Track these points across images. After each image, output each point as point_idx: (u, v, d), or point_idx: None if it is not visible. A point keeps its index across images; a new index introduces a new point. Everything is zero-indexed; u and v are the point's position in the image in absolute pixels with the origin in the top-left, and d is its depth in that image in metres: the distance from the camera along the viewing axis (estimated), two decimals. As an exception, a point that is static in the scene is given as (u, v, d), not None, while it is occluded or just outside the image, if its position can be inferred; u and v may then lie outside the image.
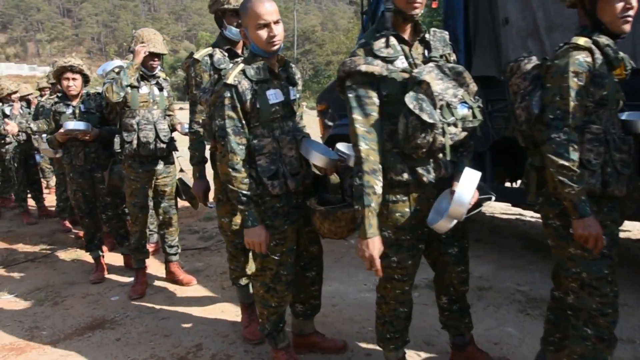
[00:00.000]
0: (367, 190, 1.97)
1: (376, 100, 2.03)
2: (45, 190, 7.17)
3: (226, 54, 2.95)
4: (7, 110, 6.24)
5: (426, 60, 2.09)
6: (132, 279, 4.16)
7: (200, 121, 2.84)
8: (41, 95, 6.65)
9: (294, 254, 2.51)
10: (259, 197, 2.35)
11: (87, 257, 4.51)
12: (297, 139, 2.44)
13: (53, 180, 7.65)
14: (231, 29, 2.95)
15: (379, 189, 2.00)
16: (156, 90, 3.86)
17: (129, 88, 3.66)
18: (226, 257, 4.27)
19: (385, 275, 2.19)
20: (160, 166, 3.90)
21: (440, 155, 2.08)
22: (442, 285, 2.45)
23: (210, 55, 2.92)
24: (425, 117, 1.92)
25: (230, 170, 2.28)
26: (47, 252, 5.12)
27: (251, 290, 3.11)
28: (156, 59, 3.78)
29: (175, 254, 4.09)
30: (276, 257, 2.44)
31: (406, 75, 2.03)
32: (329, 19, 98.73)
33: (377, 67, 2.00)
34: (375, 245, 2.01)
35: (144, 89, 3.79)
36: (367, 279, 3.94)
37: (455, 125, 2.00)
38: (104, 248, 4.57)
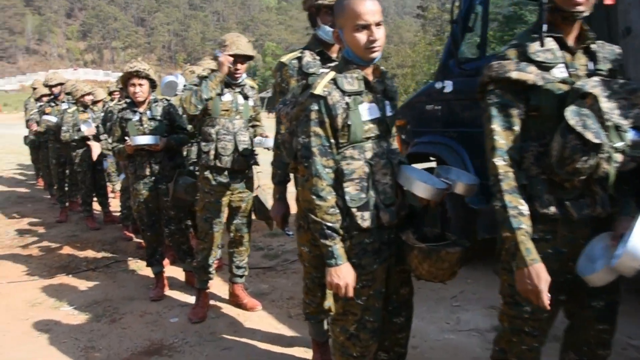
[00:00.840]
0: (511, 212, 1.68)
1: (521, 113, 1.72)
2: (110, 195, 7.13)
3: (317, 57, 2.58)
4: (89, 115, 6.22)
5: (590, 74, 1.71)
6: (193, 298, 3.92)
7: (279, 138, 2.46)
8: (111, 100, 6.62)
9: (382, 297, 2.13)
10: (346, 231, 1.98)
11: (148, 270, 4.31)
12: (393, 163, 2.08)
13: (119, 185, 7.65)
14: (325, 28, 2.54)
15: (524, 209, 1.69)
16: (240, 99, 3.54)
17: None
18: (293, 280, 3.95)
19: (512, 326, 1.84)
20: (237, 180, 3.58)
21: (598, 188, 1.69)
22: (574, 340, 2.00)
23: (299, 58, 2.57)
24: (589, 136, 1.54)
25: (314, 197, 1.92)
26: (108, 261, 4.98)
27: (326, 327, 2.77)
28: (241, 63, 3.46)
29: (241, 276, 3.77)
30: (361, 302, 2.06)
31: (564, 87, 1.65)
32: (394, 32, 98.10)
33: (530, 75, 1.66)
34: (541, 275, 1.64)
35: (227, 97, 3.47)
36: (449, 317, 3.51)
37: (623, 152, 1.60)
38: (165, 262, 4.35)
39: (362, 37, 1.89)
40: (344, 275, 1.93)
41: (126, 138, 3.83)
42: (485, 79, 1.79)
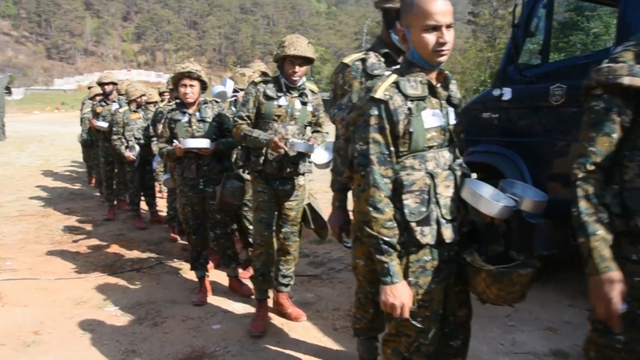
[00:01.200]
0: (586, 218, 1.59)
1: (627, 120, 1.58)
2: (157, 195, 7.19)
3: (382, 59, 2.42)
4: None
5: None
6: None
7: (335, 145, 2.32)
8: (162, 100, 6.68)
9: (439, 319, 1.96)
10: (403, 247, 1.83)
11: (192, 273, 4.26)
12: (456, 175, 1.91)
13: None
14: None
15: (603, 216, 1.59)
16: (297, 104, 3.39)
17: (264, 98, 3.33)
18: (339, 290, 3.81)
19: (601, 356, 1.67)
20: (287, 187, 3.43)
21: None
22: None
23: (363, 60, 2.41)
24: None
25: (371, 209, 1.77)
26: (153, 262, 4.97)
27: (377, 345, 2.62)
28: (299, 66, 3.28)
29: (287, 285, 3.64)
30: (417, 323, 1.90)
31: None
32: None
33: None
34: (614, 283, 1.51)
35: (282, 101, 3.33)
36: (503, 337, 3.30)
37: None
38: (209, 266, 4.29)
39: (430, 38, 1.75)
40: (399, 294, 1.78)
41: (174, 140, 3.78)
42: (593, 83, 1.64)
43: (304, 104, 3.40)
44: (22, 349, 3.24)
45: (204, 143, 3.67)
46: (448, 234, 1.84)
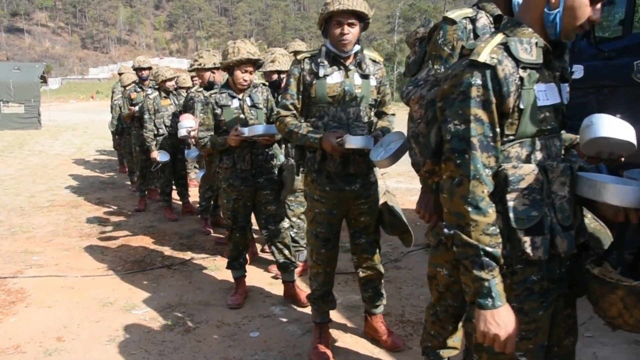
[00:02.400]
0: None
1: None
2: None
3: (493, 22, 1.93)
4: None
5: None
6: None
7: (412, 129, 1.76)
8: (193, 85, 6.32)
9: (543, 352, 1.53)
10: (505, 263, 1.40)
11: (226, 272, 3.90)
12: (574, 169, 1.46)
13: (193, 174, 7.38)
14: None
15: None
16: (356, 78, 2.64)
17: (312, 77, 2.64)
18: (388, 291, 3.41)
19: None
20: (355, 187, 2.72)
21: None
22: None
23: (472, 20, 1.91)
24: None
25: (470, 209, 1.35)
26: (184, 257, 4.64)
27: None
28: (348, 26, 2.54)
29: (378, 306, 2.98)
30: (519, 357, 1.47)
31: None
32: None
33: None
34: None
35: (335, 77, 2.62)
36: (582, 351, 2.82)
37: None
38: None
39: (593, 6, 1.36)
40: (504, 322, 1.36)
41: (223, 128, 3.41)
42: None
43: (364, 77, 2.67)
44: (43, 358, 2.94)
45: (270, 129, 3.22)
46: (564, 245, 1.40)
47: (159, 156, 5.76)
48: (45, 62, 46.95)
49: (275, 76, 4.15)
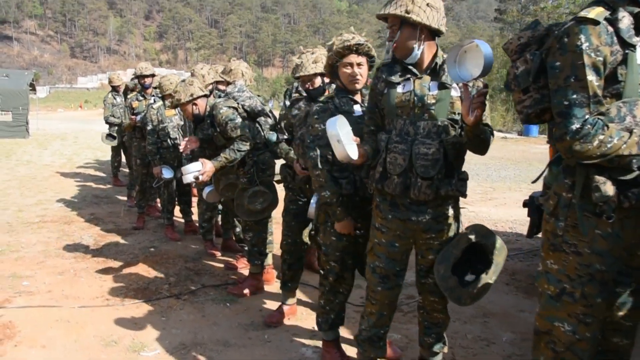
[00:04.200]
0: None
1: None
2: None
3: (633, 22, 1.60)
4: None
5: None
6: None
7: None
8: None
9: None
10: None
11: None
12: None
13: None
14: None
15: None
16: (432, 87, 2.23)
17: (385, 86, 2.31)
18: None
19: None
20: (425, 217, 2.26)
21: None
22: None
23: (611, 21, 1.59)
24: None
25: None
26: (193, 284, 4.17)
27: None
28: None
29: (438, 353, 2.57)
30: None
31: None
32: (467, 36, 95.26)
33: None
34: None
35: (406, 86, 2.26)
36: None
37: None
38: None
39: None
40: None
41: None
42: None
43: (443, 87, 2.24)
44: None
45: None
46: None
47: (163, 172, 5.31)
48: (33, 70, 46.21)
49: (318, 81, 3.29)
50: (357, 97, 2.73)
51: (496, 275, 2.26)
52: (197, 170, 3.64)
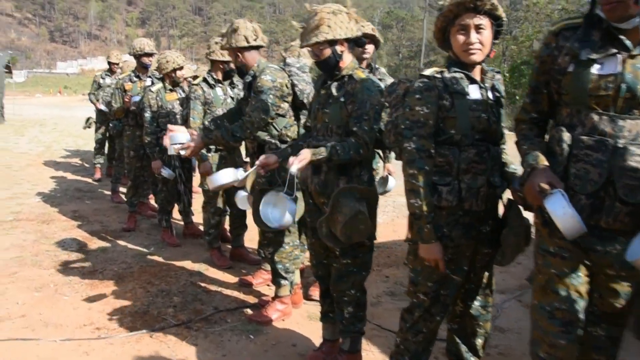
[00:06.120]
0: None
1: None
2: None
3: None
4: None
5: None
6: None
7: None
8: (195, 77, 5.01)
9: None
10: None
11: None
12: None
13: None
14: None
15: None
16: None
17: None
18: None
19: None
20: (616, 246, 1.56)
21: None
22: None
23: None
24: None
25: None
26: (205, 307, 3.40)
27: None
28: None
29: None
30: None
31: None
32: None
33: None
34: None
35: (608, 65, 1.55)
36: None
37: None
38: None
39: None
40: None
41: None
42: None
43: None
44: None
45: None
46: None
47: (163, 171, 4.50)
48: (10, 52, 44.47)
49: (327, 51, 2.39)
50: (476, 73, 1.98)
51: None
52: (184, 141, 2.92)
